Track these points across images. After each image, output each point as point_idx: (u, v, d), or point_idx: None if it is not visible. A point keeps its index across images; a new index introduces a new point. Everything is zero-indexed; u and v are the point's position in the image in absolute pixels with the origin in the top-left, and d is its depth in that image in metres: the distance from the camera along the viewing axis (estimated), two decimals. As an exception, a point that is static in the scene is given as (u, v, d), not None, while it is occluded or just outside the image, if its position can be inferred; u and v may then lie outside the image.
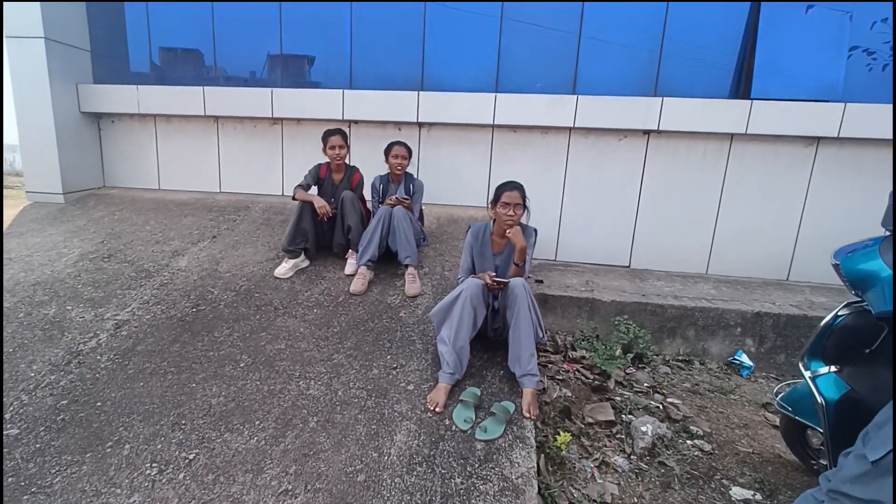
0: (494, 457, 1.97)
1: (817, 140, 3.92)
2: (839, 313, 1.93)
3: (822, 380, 1.88)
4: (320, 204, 3.19)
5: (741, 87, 4.05)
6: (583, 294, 3.47)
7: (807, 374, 1.93)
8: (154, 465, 1.86)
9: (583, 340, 3.31)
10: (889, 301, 1.61)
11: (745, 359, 3.30)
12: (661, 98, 3.94)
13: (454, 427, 2.10)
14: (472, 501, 1.78)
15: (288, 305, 2.92)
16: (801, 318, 3.28)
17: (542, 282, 3.69)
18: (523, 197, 2.47)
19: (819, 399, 1.83)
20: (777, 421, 2.58)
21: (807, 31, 3.95)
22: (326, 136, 3.34)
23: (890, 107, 3.72)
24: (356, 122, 4.40)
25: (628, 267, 4.29)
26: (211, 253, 3.48)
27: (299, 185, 3.32)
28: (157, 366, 2.40)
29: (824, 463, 1.87)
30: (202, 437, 1.99)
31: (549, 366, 3.03)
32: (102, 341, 2.54)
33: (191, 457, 1.90)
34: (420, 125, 4.35)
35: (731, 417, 2.78)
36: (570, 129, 4.14)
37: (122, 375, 2.32)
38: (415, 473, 1.87)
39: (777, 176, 4.00)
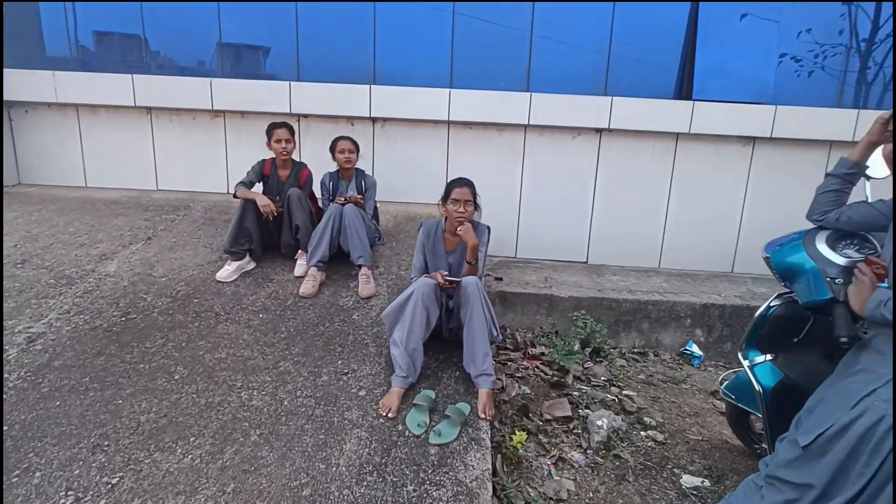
0: (448, 461, 1.90)
1: (753, 140, 4.12)
2: (771, 304, 1.98)
3: (759, 368, 1.93)
4: (263, 202, 3.01)
5: (684, 89, 4.20)
6: (542, 290, 3.49)
7: (745, 362, 1.98)
8: (70, 493, 1.65)
9: (542, 337, 3.31)
10: (813, 292, 1.67)
11: (695, 349, 3.41)
12: (610, 97, 4.02)
13: (407, 432, 2.02)
14: (426, 509, 1.70)
15: (231, 311, 2.73)
16: (744, 308, 3.41)
17: (501, 279, 3.67)
18: (474, 194, 2.42)
19: (757, 386, 1.89)
20: (724, 408, 2.65)
21: (741, 38, 4.17)
22: (271, 129, 3.16)
23: (816, 109, 3.97)
24: (305, 115, 4.21)
25: (586, 262, 4.35)
26: (145, 256, 3.21)
27: (241, 183, 3.12)
28: (77, 382, 2.16)
29: (766, 447, 1.93)
30: (128, 459, 1.80)
31: (509, 363, 3.01)
32: (11, 357, 2.27)
33: (114, 481, 1.71)
34: (374, 120, 4.22)
35: (682, 406, 2.84)
36: (525, 126, 4.14)
37: (35, 395, 2.08)
38: (365, 483, 1.77)
39: (719, 173, 4.18)
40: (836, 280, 1.61)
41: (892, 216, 1.52)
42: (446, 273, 2.37)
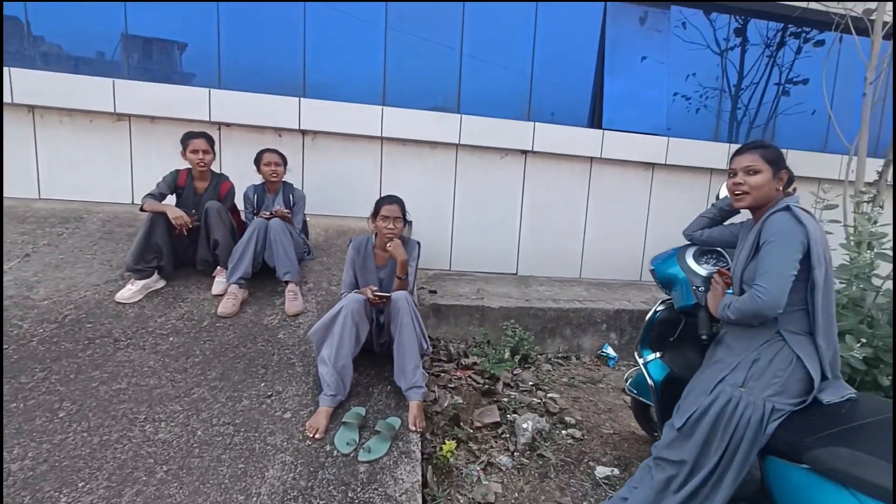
0: (378, 476, 1.83)
1: (653, 165, 4.62)
2: (657, 309, 2.21)
3: (651, 365, 2.14)
4: (175, 214, 2.72)
5: (595, 118, 4.60)
6: (474, 302, 3.53)
7: (640, 361, 2.18)
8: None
9: (474, 347, 3.32)
10: (684, 298, 1.93)
11: (610, 351, 3.61)
12: (533, 123, 4.29)
13: (336, 452, 1.90)
14: (356, 531, 1.58)
15: (133, 336, 2.40)
16: (648, 313, 3.69)
17: (435, 292, 3.65)
18: (403, 211, 2.39)
19: (649, 381, 2.09)
20: (630, 403, 2.81)
21: (641, 77, 4.66)
22: (187, 138, 2.88)
23: (699, 142, 4.57)
24: (227, 124, 3.91)
25: (515, 274, 4.52)
26: (21, 276, 2.73)
27: (150, 195, 2.80)
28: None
29: (659, 434, 2.09)
30: (-6, 517, 1.49)
31: (442, 375, 2.96)
32: None
33: (-24, 546, 1.40)
34: (303, 132, 4.04)
35: (598, 404, 2.98)
36: (457, 145, 4.25)
37: None
38: (289, 512, 1.61)
39: (627, 193, 4.61)
40: (700, 288, 1.88)
41: (738, 236, 1.81)
42: (376, 288, 2.31)
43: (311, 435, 1.95)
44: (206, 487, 1.67)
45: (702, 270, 1.96)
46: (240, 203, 3.16)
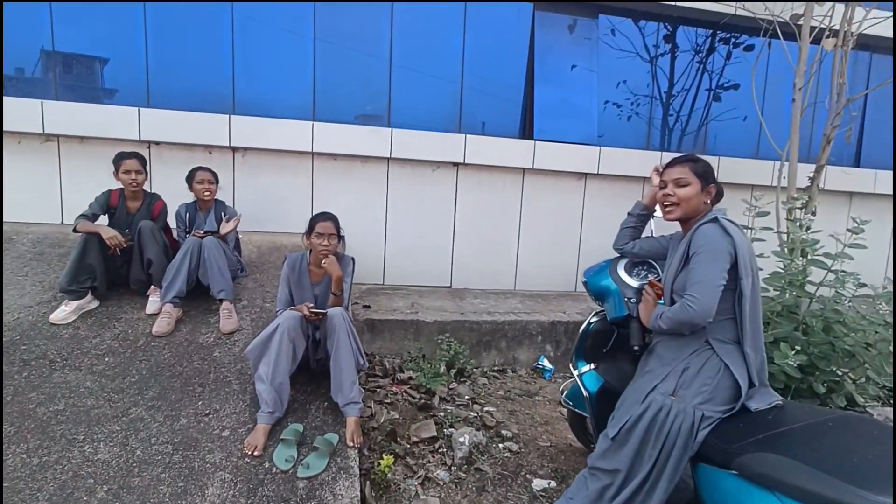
0: (317, 493, 1.99)
1: (585, 175, 4.87)
2: (591, 321, 2.33)
3: (586, 376, 2.24)
4: (109, 234, 2.85)
5: (526, 128, 4.82)
6: (408, 316, 3.68)
7: (575, 372, 2.29)
8: None
9: (410, 361, 3.49)
10: (616, 309, 2.05)
11: (546, 363, 3.85)
12: (464, 135, 4.49)
13: (275, 469, 2.07)
14: (293, 543, 1.79)
15: (69, 357, 2.54)
16: (582, 325, 3.96)
17: (370, 307, 3.82)
18: (337, 227, 2.55)
19: (585, 393, 2.20)
20: (566, 415, 2.97)
21: (572, 86, 4.89)
22: (119, 159, 3.01)
23: (631, 151, 4.80)
24: (157, 143, 4.03)
25: (450, 287, 4.69)
26: (-52, 299, 2.81)
27: (82, 216, 2.92)
28: None
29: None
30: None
31: (378, 390, 3.14)
32: None
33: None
34: (234, 149, 4.18)
35: (535, 417, 3.16)
36: (388, 158, 4.41)
37: None
38: (229, 527, 1.81)
39: (560, 203, 4.84)
40: (632, 300, 1.99)
41: (669, 248, 1.95)
42: (312, 305, 2.45)
43: (250, 452, 2.11)
44: None
45: (633, 282, 2.05)
46: (172, 222, 3.29)
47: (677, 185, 1.74)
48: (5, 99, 3.73)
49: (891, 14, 4.77)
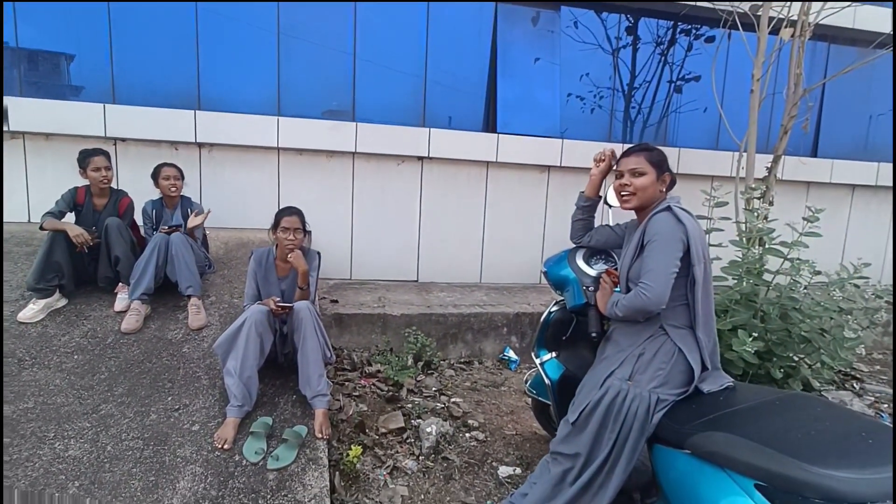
0: (287, 483, 2.05)
1: (548, 168, 4.94)
2: (551, 310, 2.38)
3: (548, 364, 2.29)
4: (76, 232, 2.86)
5: (490, 122, 4.87)
6: (375, 310, 3.74)
7: (537, 361, 2.34)
8: None
9: (378, 355, 3.56)
10: (575, 297, 2.11)
11: (511, 354, 3.96)
12: (428, 129, 4.53)
13: (245, 462, 2.12)
14: (264, 533, 1.84)
15: (38, 355, 2.56)
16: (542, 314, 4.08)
17: (337, 301, 3.88)
18: (302, 221, 2.60)
19: (546, 380, 2.25)
20: (531, 404, 3.01)
21: (535, 79, 4.94)
22: (86, 156, 3.00)
23: (592, 143, 4.80)
24: (123, 139, 3.99)
25: (416, 281, 4.76)
26: (-90, 299, 2.79)
27: (49, 213, 2.92)
28: None
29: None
30: None
31: (347, 383, 3.20)
32: None
33: None
34: (200, 145, 4.17)
35: (501, 406, 3.25)
36: (353, 153, 4.44)
37: None
38: (201, 518, 1.86)
39: (524, 196, 4.91)
40: (590, 288, 2.03)
41: (624, 237, 1.99)
42: (278, 299, 2.50)
43: (220, 446, 2.16)
44: (119, 501, 1.88)
45: (591, 271, 2.11)
46: (139, 219, 3.30)
47: (633, 175, 1.79)
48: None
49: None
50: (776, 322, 2.66)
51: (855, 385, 3.65)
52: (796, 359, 2.76)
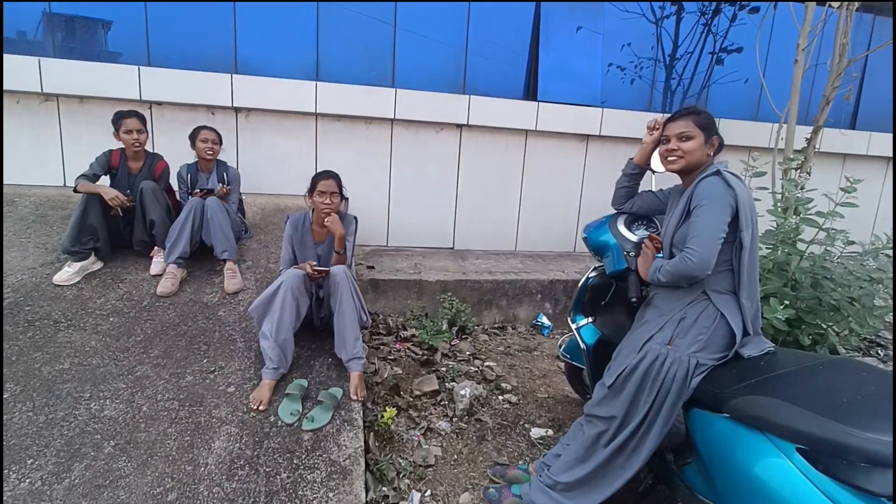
0: (322, 444, 1.95)
1: (587, 137, 4.68)
2: (589, 275, 2.28)
3: (584, 330, 2.21)
4: (111, 195, 2.70)
5: (530, 90, 4.61)
6: (411, 276, 3.60)
7: (573, 326, 2.25)
8: None
9: (413, 319, 3.44)
10: (615, 263, 2.00)
11: (544, 320, 3.80)
12: (468, 96, 4.27)
13: (280, 422, 2.02)
14: (300, 493, 1.75)
15: (73, 317, 2.43)
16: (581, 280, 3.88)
17: (373, 267, 3.72)
18: (339, 185, 2.44)
19: (582, 345, 2.17)
20: (564, 368, 2.98)
21: (576, 47, 4.66)
22: (119, 118, 2.82)
23: (633, 112, 4.61)
24: (159, 103, 3.80)
25: (452, 248, 4.57)
26: (-48, 261, 2.69)
27: (83, 176, 2.76)
28: None
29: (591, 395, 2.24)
30: (-58, 495, 1.57)
31: (382, 347, 3.09)
32: None
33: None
34: (237, 110, 3.96)
35: (533, 371, 3.15)
36: (392, 120, 4.21)
37: None
38: (236, 478, 1.76)
39: (562, 165, 4.67)
40: (631, 253, 1.93)
41: (667, 203, 1.88)
42: (315, 263, 2.37)
43: (255, 407, 2.05)
44: (154, 460, 1.78)
45: (633, 236, 2.00)
46: (174, 183, 3.14)
47: (680, 139, 1.67)
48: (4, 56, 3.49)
49: None
50: (807, 290, 2.58)
51: (880, 352, 3.53)
52: (824, 326, 2.67)
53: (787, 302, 2.30)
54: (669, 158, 1.71)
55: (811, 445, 1.25)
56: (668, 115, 1.81)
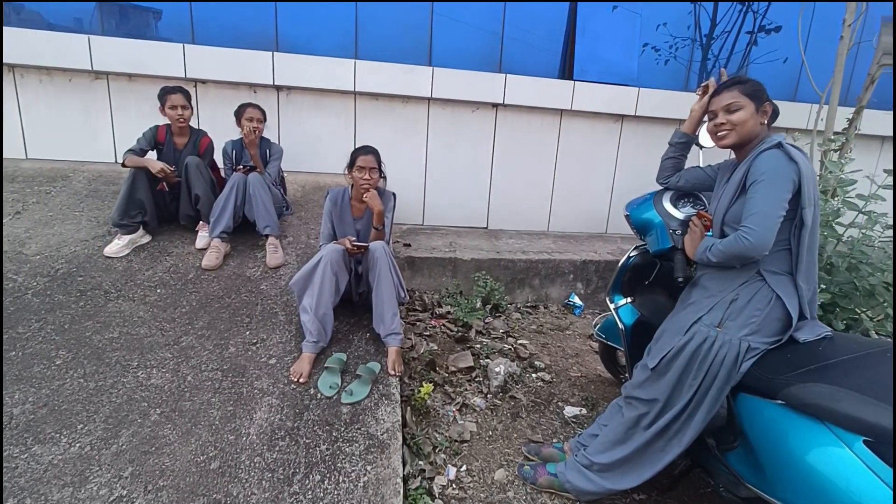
0: (360, 417, 1.85)
1: (622, 117, 4.37)
2: (630, 255, 2.10)
3: (622, 310, 2.05)
4: (157, 167, 2.60)
5: (566, 70, 4.31)
6: (446, 255, 3.46)
7: (611, 306, 2.09)
8: (-79, 502, 1.35)
9: (448, 297, 3.31)
10: (660, 241, 1.81)
11: (576, 300, 3.62)
12: (504, 75, 4.02)
13: (319, 395, 1.92)
14: (339, 464, 1.65)
15: (122, 287, 2.36)
16: (614, 263, 3.65)
17: (409, 245, 3.59)
18: (378, 161, 2.29)
19: (620, 325, 2.01)
20: (597, 347, 2.85)
21: (613, 28, 4.34)
22: (164, 94, 2.71)
23: (669, 92, 4.29)
24: (203, 81, 3.68)
25: (486, 227, 4.40)
26: (13, 232, 2.65)
27: (130, 150, 2.67)
28: (-74, 377, 1.75)
29: (627, 376, 2.04)
30: (-2, 456, 1.50)
31: (418, 323, 2.97)
32: None
33: (-21, 483, 1.42)
34: (278, 88, 3.81)
35: (566, 350, 3.00)
36: (428, 99, 4.01)
37: None
38: (277, 448, 1.67)
39: (595, 146, 4.38)
40: (677, 231, 1.75)
41: (716, 178, 1.68)
42: (354, 239, 2.25)
43: (296, 379, 1.97)
44: (198, 428, 1.70)
45: (679, 214, 1.82)
46: (219, 159, 3.03)
47: (728, 111, 1.48)
48: (54, 34, 3.41)
49: None
50: (843, 274, 2.38)
51: (915, 339, 3.19)
52: (859, 311, 2.46)
53: (822, 286, 2.13)
54: (719, 133, 1.51)
55: (878, 437, 1.12)
56: (719, 82, 1.58)
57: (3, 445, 1.54)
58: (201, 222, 2.83)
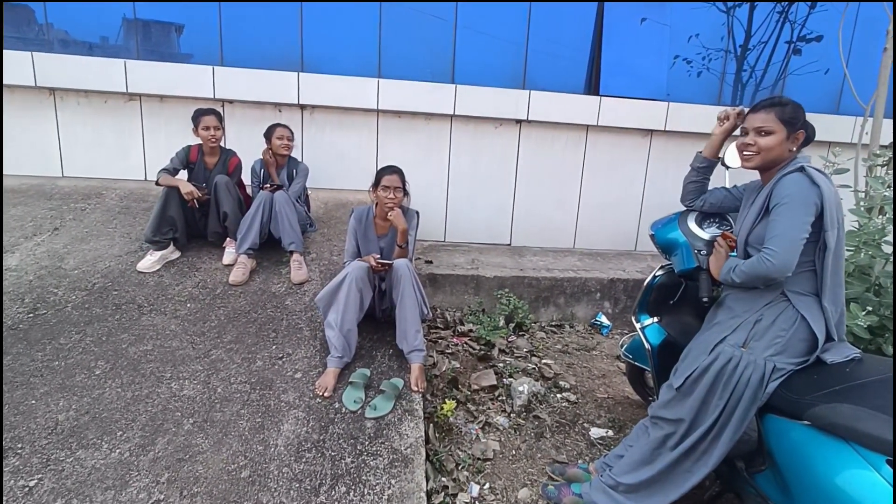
0: (384, 432, 1.96)
1: (651, 132, 4.42)
2: (656, 274, 2.16)
3: (649, 329, 2.11)
4: (187, 189, 2.83)
5: (592, 85, 4.42)
6: (469, 272, 3.56)
7: (637, 325, 2.16)
8: (-20, 499, 1.52)
9: (470, 315, 3.39)
10: (685, 261, 1.88)
11: (604, 319, 3.65)
12: (528, 91, 4.14)
13: (344, 409, 2.04)
14: (363, 477, 1.75)
15: (155, 302, 2.57)
16: (643, 282, 3.68)
17: (431, 262, 3.72)
18: (403, 181, 2.44)
19: (647, 345, 2.07)
20: (625, 368, 2.87)
21: (640, 40, 4.42)
22: (198, 115, 2.96)
23: (701, 106, 4.32)
24: (230, 101, 3.97)
25: (509, 245, 4.48)
26: (52, 248, 2.91)
27: (164, 170, 2.92)
28: (-20, 384, 1.96)
29: (655, 397, 2.08)
30: (46, 460, 1.67)
31: (440, 341, 3.08)
32: None
33: (31, 484, 1.58)
34: (302, 107, 4.06)
35: (592, 370, 3.05)
36: (451, 116, 4.18)
37: (-69, 400, 1.86)
38: (304, 460, 1.79)
39: (624, 161, 4.45)
40: (702, 252, 1.82)
41: (742, 199, 1.76)
42: (379, 256, 2.38)
43: (321, 393, 2.08)
44: (229, 438, 1.84)
45: (704, 234, 1.90)
46: (246, 178, 3.25)
47: (759, 134, 1.54)
48: (92, 59, 3.76)
49: None
50: (891, 296, 2.32)
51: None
52: None
53: (869, 308, 2.10)
54: (745, 153, 1.58)
55: None
56: (740, 107, 1.68)
57: (2, 445, 1.69)
58: (228, 239, 3.04)
